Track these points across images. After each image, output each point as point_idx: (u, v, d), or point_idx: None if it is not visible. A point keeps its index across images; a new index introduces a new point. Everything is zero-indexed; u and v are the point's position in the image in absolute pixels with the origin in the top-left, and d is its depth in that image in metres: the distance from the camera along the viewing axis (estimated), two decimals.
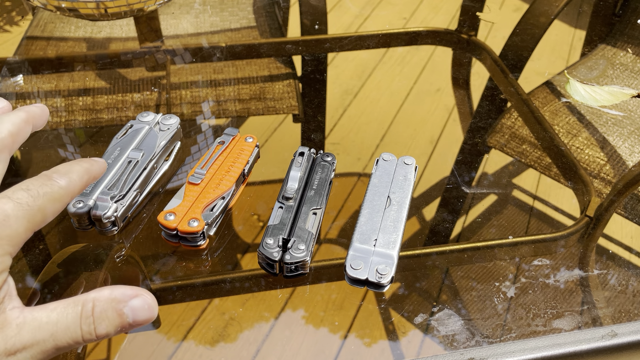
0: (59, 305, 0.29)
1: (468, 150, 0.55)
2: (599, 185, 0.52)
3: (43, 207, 0.31)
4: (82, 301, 0.29)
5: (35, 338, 0.28)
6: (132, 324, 0.30)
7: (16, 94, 0.60)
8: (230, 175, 0.45)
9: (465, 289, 0.42)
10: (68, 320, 0.28)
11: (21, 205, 0.30)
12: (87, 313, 0.29)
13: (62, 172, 0.33)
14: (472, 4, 0.78)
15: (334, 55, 0.69)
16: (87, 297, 0.29)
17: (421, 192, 0.50)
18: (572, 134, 0.58)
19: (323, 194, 0.45)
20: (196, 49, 0.67)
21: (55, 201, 0.32)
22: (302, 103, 0.60)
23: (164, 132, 0.49)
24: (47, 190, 0.31)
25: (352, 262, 0.40)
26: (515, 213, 0.49)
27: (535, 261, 0.44)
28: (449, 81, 0.66)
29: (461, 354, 0.37)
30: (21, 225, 0.30)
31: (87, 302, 0.29)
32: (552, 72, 0.66)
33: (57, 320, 0.28)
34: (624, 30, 0.74)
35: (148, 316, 0.30)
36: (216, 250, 0.44)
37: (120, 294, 0.30)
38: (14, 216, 0.29)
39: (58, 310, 0.29)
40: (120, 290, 0.30)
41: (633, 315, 0.41)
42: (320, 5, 0.77)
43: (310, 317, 0.40)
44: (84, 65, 0.64)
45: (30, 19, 0.73)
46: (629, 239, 0.47)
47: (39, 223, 0.31)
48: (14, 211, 0.29)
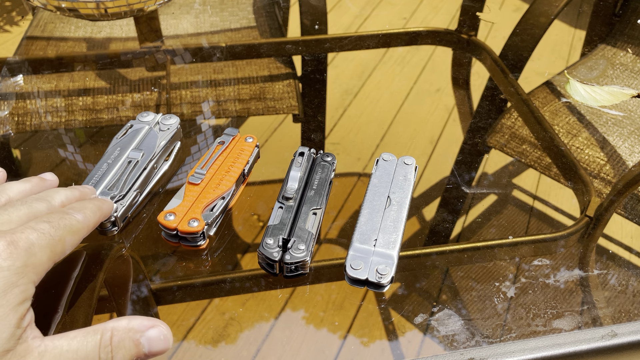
0: (79, 334, 0.30)
1: (468, 150, 0.55)
2: (599, 185, 0.52)
3: (63, 238, 0.32)
4: (101, 330, 0.30)
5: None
6: (148, 354, 0.31)
7: (16, 94, 0.60)
8: (230, 175, 0.45)
9: (465, 289, 0.42)
10: (88, 349, 0.29)
11: (44, 235, 0.31)
12: (106, 342, 0.30)
13: (77, 209, 0.36)
14: (472, 4, 0.78)
15: (334, 55, 0.69)
16: (105, 327, 0.30)
17: (421, 192, 0.50)
18: (572, 134, 0.58)
19: (323, 194, 0.45)
20: (196, 49, 0.67)
21: (74, 233, 0.34)
22: (302, 103, 0.60)
23: (164, 132, 0.49)
24: (67, 222, 0.33)
25: (352, 262, 0.40)
26: (515, 213, 0.49)
27: (535, 261, 0.44)
28: (449, 81, 0.66)
29: (461, 354, 0.37)
30: (45, 255, 0.31)
31: (105, 332, 0.30)
32: (552, 72, 0.66)
33: (77, 348, 0.29)
34: (624, 30, 0.74)
35: (163, 347, 0.31)
36: (216, 250, 0.44)
37: (137, 325, 0.31)
38: (38, 245, 0.30)
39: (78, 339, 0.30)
40: (137, 321, 0.31)
41: (633, 315, 0.41)
42: (320, 5, 0.77)
43: (310, 317, 0.40)
44: (84, 65, 0.64)
45: (30, 19, 0.73)
46: (629, 239, 0.47)
47: (59, 254, 0.32)
48: (39, 240, 0.31)
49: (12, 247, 0.29)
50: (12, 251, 0.29)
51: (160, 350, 0.31)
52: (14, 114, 0.57)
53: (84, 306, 0.40)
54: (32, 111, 0.57)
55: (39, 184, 0.40)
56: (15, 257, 0.29)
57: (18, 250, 0.29)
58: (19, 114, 0.57)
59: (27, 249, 0.30)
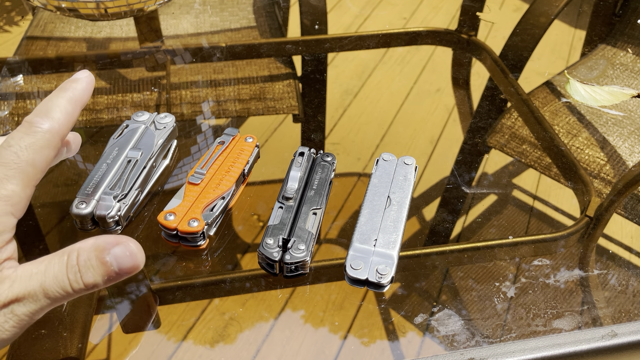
0: (47, 257, 0.30)
1: (468, 150, 0.55)
2: (599, 185, 0.52)
3: (31, 160, 0.30)
4: (67, 252, 0.30)
5: (26, 289, 0.28)
6: (119, 272, 0.30)
7: (16, 94, 0.60)
8: (230, 175, 0.45)
9: (465, 289, 0.42)
10: (55, 269, 0.29)
11: (8, 165, 0.29)
12: (72, 262, 0.29)
13: (43, 113, 0.32)
14: (472, 4, 0.78)
15: (334, 55, 0.69)
16: (72, 248, 0.30)
17: (421, 192, 0.50)
18: (572, 134, 0.58)
19: (323, 194, 0.45)
20: (196, 49, 0.67)
21: (43, 148, 0.31)
22: (302, 103, 0.60)
23: (160, 130, 0.49)
24: (30, 140, 0.30)
25: (352, 262, 0.40)
26: (515, 213, 0.49)
27: (535, 261, 0.44)
28: (449, 81, 0.66)
29: (461, 354, 0.37)
30: (17, 185, 0.29)
31: (72, 252, 0.30)
32: (552, 72, 0.66)
33: (45, 270, 0.29)
34: (624, 30, 0.74)
35: (131, 264, 0.30)
36: (216, 250, 0.44)
37: (102, 242, 0.30)
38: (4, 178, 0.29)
39: (46, 262, 0.29)
40: (102, 239, 0.30)
41: (633, 315, 0.41)
42: (320, 5, 0.77)
43: (310, 317, 0.40)
44: (84, 65, 0.64)
45: (30, 19, 0.73)
46: (629, 239, 0.47)
47: (32, 177, 0.30)
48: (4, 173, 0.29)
49: None
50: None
51: (129, 268, 0.30)
52: (14, 114, 0.57)
53: (84, 306, 0.40)
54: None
55: None
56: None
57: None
58: (19, 114, 0.57)
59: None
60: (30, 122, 0.31)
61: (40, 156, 0.31)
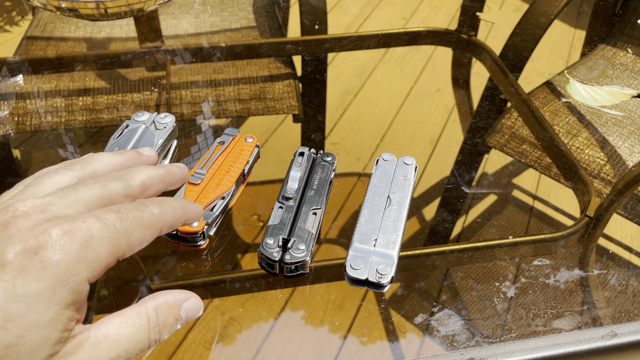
0: (124, 319, 0.29)
1: (468, 150, 0.55)
2: (599, 185, 0.52)
3: (130, 232, 0.29)
4: (145, 312, 0.30)
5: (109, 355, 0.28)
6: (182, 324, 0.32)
7: (16, 94, 0.60)
8: (230, 175, 0.45)
9: (465, 289, 0.42)
10: (139, 333, 0.29)
11: (108, 227, 0.28)
12: (154, 323, 0.30)
13: (157, 201, 0.32)
14: (472, 4, 0.78)
15: (334, 55, 0.69)
16: (147, 306, 0.30)
17: (421, 192, 0.50)
18: (572, 134, 0.58)
19: (323, 194, 0.45)
20: (196, 49, 0.67)
21: (145, 228, 0.30)
22: (302, 103, 0.60)
23: (160, 130, 0.49)
24: (137, 214, 0.30)
25: (352, 262, 0.40)
26: (515, 213, 0.49)
27: (535, 261, 0.44)
28: (449, 81, 0.66)
29: (461, 354, 0.37)
30: (104, 250, 0.28)
31: (150, 312, 0.30)
32: (552, 72, 0.66)
33: (129, 335, 0.28)
34: (624, 30, 0.74)
35: (197, 315, 0.32)
36: (216, 250, 0.44)
37: (174, 299, 0.31)
38: (98, 238, 0.27)
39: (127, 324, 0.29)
40: (173, 296, 0.31)
41: (633, 315, 0.41)
42: (320, 5, 0.77)
43: (310, 317, 0.40)
44: (84, 65, 0.64)
45: (30, 19, 0.73)
46: (629, 239, 0.47)
47: (123, 249, 0.29)
48: (100, 232, 0.28)
49: (67, 237, 0.26)
50: (65, 243, 0.26)
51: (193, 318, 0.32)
52: (14, 114, 0.57)
53: None
54: (32, 111, 0.57)
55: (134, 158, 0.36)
56: (67, 251, 0.26)
57: (73, 243, 0.26)
58: (19, 114, 0.57)
59: (85, 241, 0.27)
60: (142, 202, 0.31)
61: (139, 233, 0.30)
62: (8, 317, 0.24)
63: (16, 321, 0.25)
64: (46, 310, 0.25)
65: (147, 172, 0.34)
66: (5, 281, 0.25)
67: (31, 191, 0.31)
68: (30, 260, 0.26)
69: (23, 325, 0.25)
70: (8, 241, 0.26)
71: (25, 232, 0.26)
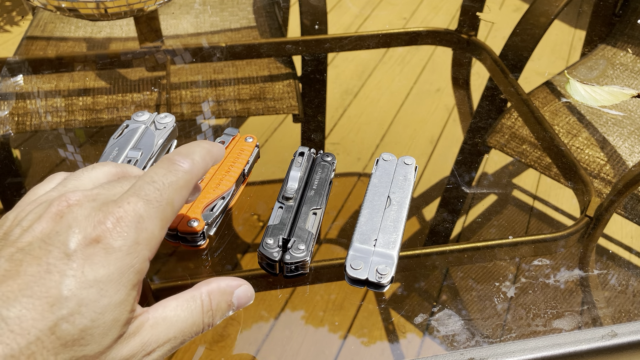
0: (180, 303, 0.30)
1: (468, 150, 0.55)
2: (599, 185, 0.52)
3: (171, 199, 0.29)
4: (199, 296, 0.31)
5: (167, 336, 0.29)
6: (235, 310, 0.33)
7: (16, 94, 0.60)
8: (230, 175, 0.45)
9: (465, 289, 0.42)
10: (194, 316, 0.30)
11: (151, 203, 0.28)
12: (207, 307, 0.31)
13: (184, 154, 0.31)
14: (472, 4, 0.78)
15: (334, 55, 0.69)
16: (201, 291, 0.31)
17: (421, 192, 0.50)
18: (572, 134, 0.58)
19: (323, 194, 0.45)
20: (196, 49, 0.67)
21: (182, 189, 0.30)
22: (302, 103, 0.60)
23: (161, 130, 0.49)
24: (172, 179, 0.30)
25: (352, 262, 0.40)
26: (515, 213, 0.49)
27: (535, 261, 0.44)
28: (449, 81, 0.66)
29: (461, 354, 0.37)
30: (155, 226, 0.29)
31: (204, 296, 0.31)
32: (552, 72, 0.66)
33: (185, 317, 0.30)
34: (624, 30, 0.74)
35: (248, 302, 0.34)
36: (216, 250, 0.44)
37: (227, 286, 0.32)
38: (147, 216, 0.28)
39: (182, 308, 0.30)
40: (226, 282, 0.32)
41: (633, 315, 0.41)
42: (320, 5, 0.77)
43: (310, 317, 0.40)
44: (84, 65, 0.64)
45: (30, 19, 0.73)
46: (629, 239, 0.47)
47: (169, 217, 0.30)
48: (147, 211, 0.28)
49: (120, 224, 0.27)
50: (121, 229, 0.27)
51: (245, 305, 0.33)
52: (14, 114, 0.57)
53: None
54: (32, 111, 0.57)
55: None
56: (125, 236, 0.27)
57: (128, 227, 0.27)
58: (19, 114, 0.57)
59: (137, 224, 0.28)
60: (171, 160, 0.31)
61: (179, 196, 0.30)
62: (82, 302, 0.25)
63: (89, 305, 0.26)
64: (116, 292, 0.27)
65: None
66: (74, 269, 0.26)
67: (74, 184, 0.31)
68: (94, 249, 0.27)
69: (96, 308, 0.26)
70: (68, 231, 0.27)
71: (82, 220, 0.27)
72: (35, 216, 0.28)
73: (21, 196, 0.32)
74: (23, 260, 0.26)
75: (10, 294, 0.25)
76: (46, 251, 0.26)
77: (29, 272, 0.25)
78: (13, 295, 0.25)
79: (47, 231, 0.27)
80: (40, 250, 0.26)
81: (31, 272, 0.25)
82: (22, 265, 0.26)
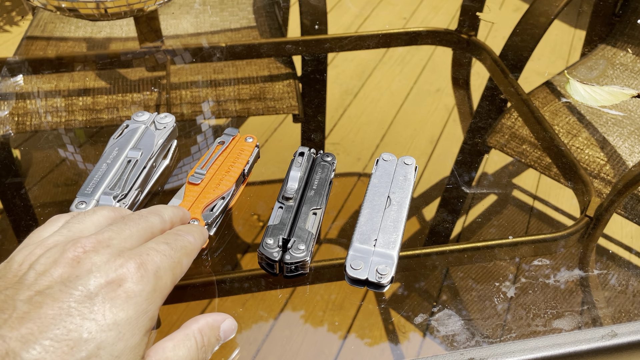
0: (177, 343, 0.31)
1: (468, 150, 0.55)
2: (599, 185, 0.52)
3: (181, 260, 0.32)
4: (192, 335, 0.32)
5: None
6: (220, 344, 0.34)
7: (16, 94, 0.60)
8: (230, 175, 0.45)
9: (465, 289, 0.42)
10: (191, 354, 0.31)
11: (166, 257, 0.31)
12: (201, 344, 0.32)
13: (185, 230, 0.35)
14: (472, 4, 0.78)
15: (334, 55, 0.69)
16: (193, 330, 0.32)
17: (421, 192, 0.50)
18: (572, 134, 0.58)
19: (323, 194, 0.45)
20: (196, 49, 0.67)
21: (189, 255, 0.33)
22: (302, 103, 0.60)
23: (161, 130, 0.49)
24: (182, 244, 0.33)
25: (352, 262, 0.40)
26: (515, 213, 0.49)
27: (535, 261, 0.44)
28: (449, 81, 0.66)
29: (461, 354, 0.37)
30: (169, 278, 0.31)
31: (197, 335, 0.32)
32: (552, 72, 0.66)
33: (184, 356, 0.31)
34: (624, 30, 0.74)
35: (232, 335, 0.35)
36: (216, 250, 0.44)
37: (213, 321, 0.34)
38: (163, 268, 0.30)
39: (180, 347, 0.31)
40: (212, 318, 0.34)
41: (633, 315, 0.41)
42: (320, 5, 0.77)
43: (310, 317, 0.40)
44: (84, 65, 0.64)
45: (30, 19, 0.73)
46: (629, 239, 0.47)
47: (178, 276, 0.32)
48: (163, 263, 0.30)
49: (142, 270, 0.29)
50: (142, 274, 0.29)
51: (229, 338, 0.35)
52: (14, 114, 0.57)
53: None
54: (32, 111, 0.57)
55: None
56: (146, 282, 0.29)
57: (148, 274, 0.29)
58: (19, 114, 0.57)
59: (155, 272, 0.29)
60: (177, 233, 0.34)
61: (186, 260, 0.33)
62: (100, 345, 0.26)
63: (107, 349, 0.26)
64: (132, 337, 0.27)
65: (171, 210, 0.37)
66: (94, 312, 0.27)
67: (77, 227, 0.32)
68: (115, 292, 0.27)
69: (113, 352, 0.27)
70: (89, 275, 0.28)
71: (102, 265, 0.28)
72: (49, 260, 0.28)
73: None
74: (43, 302, 0.26)
75: (31, 336, 0.25)
76: (67, 294, 0.26)
77: (50, 314, 0.26)
78: (33, 337, 0.25)
79: (67, 275, 0.27)
80: (61, 293, 0.26)
81: (52, 315, 0.26)
82: (42, 307, 0.26)
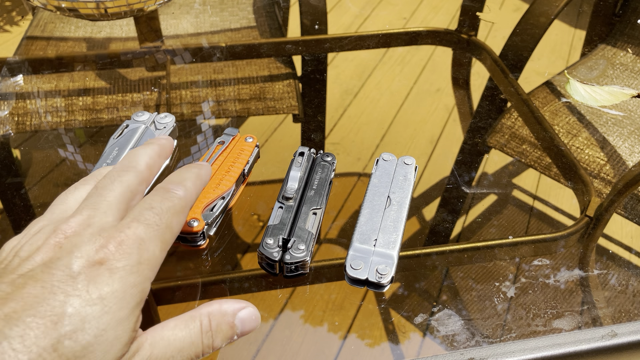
0: (179, 323, 0.30)
1: (468, 150, 0.55)
2: (599, 185, 0.52)
3: (169, 223, 0.31)
4: (198, 317, 0.31)
5: (165, 355, 0.29)
6: (240, 335, 0.32)
7: (16, 94, 0.60)
8: (230, 175, 0.45)
9: (465, 289, 0.42)
10: (192, 336, 0.30)
11: (151, 226, 0.30)
12: (206, 328, 0.31)
13: (176, 182, 0.33)
14: (472, 4, 0.78)
15: (334, 55, 0.69)
16: (201, 313, 0.31)
17: (421, 192, 0.50)
18: (572, 134, 0.58)
19: (323, 194, 0.45)
20: (196, 49, 0.67)
21: (179, 214, 0.32)
22: (302, 103, 0.60)
23: (161, 130, 0.49)
24: (169, 204, 0.31)
25: (352, 262, 0.40)
26: (515, 213, 0.49)
27: (535, 261, 0.44)
28: (449, 81, 0.66)
29: (461, 354, 0.37)
30: (157, 247, 0.30)
31: (203, 318, 0.31)
32: (552, 72, 0.66)
33: (183, 337, 0.30)
34: (624, 30, 0.74)
35: (254, 326, 0.33)
36: (216, 250, 0.44)
37: (229, 308, 0.32)
38: (148, 239, 0.29)
39: (180, 328, 0.30)
40: (228, 304, 0.32)
41: (633, 315, 0.41)
42: (320, 5, 0.77)
43: (310, 317, 0.40)
44: (84, 65, 0.64)
45: (30, 19, 0.73)
46: (629, 239, 0.47)
47: (169, 241, 0.31)
48: (147, 233, 0.29)
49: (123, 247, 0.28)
50: (124, 250, 0.28)
51: (250, 329, 0.33)
52: (14, 114, 0.57)
53: None
54: (32, 111, 0.57)
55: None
56: (128, 256, 0.28)
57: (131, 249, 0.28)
58: (19, 114, 0.57)
59: (139, 245, 0.29)
60: (166, 189, 0.32)
61: (177, 220, 0.32)
62: (85, 319, 0.26)
63: (92, 322, 0.26)
64: (119, 309, 0.27)
65: (146, 153, 0.35)
66: (78, 290, 0.26)
67: (60, 208, 0.32)
68: (98, 270, 0.27)
69: (99, 325, 0.26)
70: (70, 255, 0.27)
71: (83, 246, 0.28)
72: (32, 247, 0.28)
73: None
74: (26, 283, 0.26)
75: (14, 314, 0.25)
76: (50, 274, 0.26)
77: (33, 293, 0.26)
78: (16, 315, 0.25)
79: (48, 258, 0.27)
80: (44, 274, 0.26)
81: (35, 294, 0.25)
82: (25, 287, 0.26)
